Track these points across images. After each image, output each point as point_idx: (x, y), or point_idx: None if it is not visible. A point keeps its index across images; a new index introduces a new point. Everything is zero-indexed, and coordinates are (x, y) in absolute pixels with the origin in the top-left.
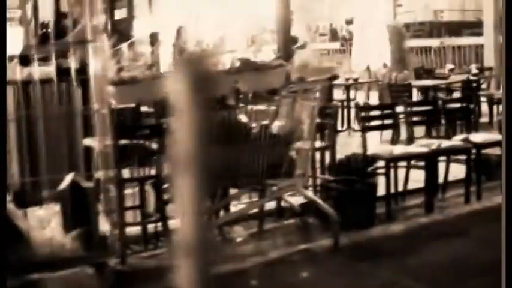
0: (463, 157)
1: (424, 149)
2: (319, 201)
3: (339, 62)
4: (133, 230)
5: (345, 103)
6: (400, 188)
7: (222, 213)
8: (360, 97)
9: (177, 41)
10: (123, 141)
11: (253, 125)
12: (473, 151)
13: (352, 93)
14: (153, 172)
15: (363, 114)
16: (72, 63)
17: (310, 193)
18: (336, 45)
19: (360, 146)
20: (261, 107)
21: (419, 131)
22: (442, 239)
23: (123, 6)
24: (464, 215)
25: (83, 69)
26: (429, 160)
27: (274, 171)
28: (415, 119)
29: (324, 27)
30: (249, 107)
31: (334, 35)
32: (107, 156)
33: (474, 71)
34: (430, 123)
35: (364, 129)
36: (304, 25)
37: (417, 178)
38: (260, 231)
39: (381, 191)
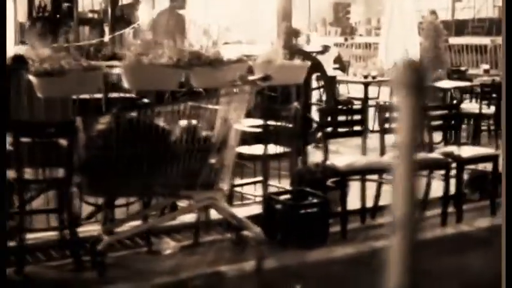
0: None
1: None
2: (242, 218)
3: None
4: (46, 236)
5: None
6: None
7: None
8: (384, 95)
9: None
10: (25, 139)
11: (176, 127)
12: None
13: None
14: (60, 174)
15: (325, 119)
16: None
17: (229, 209)
18: None
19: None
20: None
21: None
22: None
23: None
24: (431, 240)
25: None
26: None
27: (190, 181)
28: (386, 126)
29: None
30: (176, 106)
31: None
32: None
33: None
34: None
35: (326, 137)
36: (364, 18)
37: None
38: (194, 243)
39: (352, 205)
